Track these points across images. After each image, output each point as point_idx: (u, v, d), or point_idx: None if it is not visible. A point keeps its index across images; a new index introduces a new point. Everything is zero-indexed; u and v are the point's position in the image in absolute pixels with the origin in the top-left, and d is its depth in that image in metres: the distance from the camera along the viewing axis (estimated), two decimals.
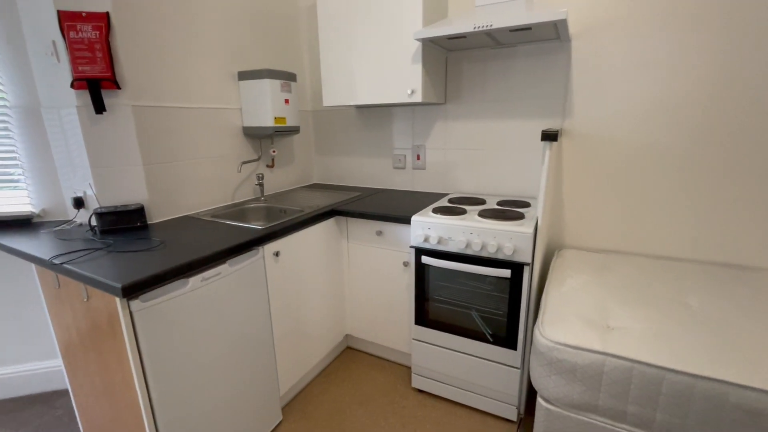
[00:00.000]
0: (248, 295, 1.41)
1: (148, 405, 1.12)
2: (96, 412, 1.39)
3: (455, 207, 1.75)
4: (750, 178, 1.51)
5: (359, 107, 2.35)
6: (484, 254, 1.49)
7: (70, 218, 1.65)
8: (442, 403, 1.75)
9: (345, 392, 1.84)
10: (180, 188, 1.74)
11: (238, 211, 1.92)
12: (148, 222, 1.62)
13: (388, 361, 2.07)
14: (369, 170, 2.42)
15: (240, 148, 2.01)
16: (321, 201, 2.01)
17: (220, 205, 1.93)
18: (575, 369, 1.10)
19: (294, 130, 2.08)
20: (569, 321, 1.20)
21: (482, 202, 1.85)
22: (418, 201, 1.98)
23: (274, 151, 2.11)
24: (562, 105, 1.79)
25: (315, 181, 2.66)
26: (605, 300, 1.32)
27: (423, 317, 1.71)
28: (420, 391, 1.83)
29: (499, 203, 1.83)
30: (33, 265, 1.64)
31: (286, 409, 1.74)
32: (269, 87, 1.88)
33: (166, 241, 1.38)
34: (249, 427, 1.47)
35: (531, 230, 1.40)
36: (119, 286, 1.00)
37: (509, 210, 1.66)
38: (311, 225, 1.73)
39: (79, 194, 1.60)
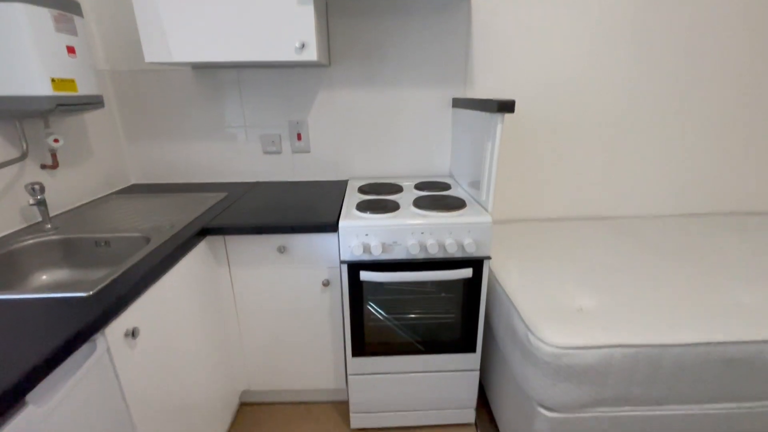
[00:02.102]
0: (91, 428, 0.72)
1: None
2: None
3: (381, 200, 1.39)
4: (646, 138, 1.73)
5: (200, 67, 1.61)
6: (439, 255, 1.21)
7: None
8: None
9: None
10: None
11: (3, 256, 1.02)
12: None
13: (307, 404, 1.61)
14: (225, 160, 1.74)
15: None
16: (164, 215, 1.28)
17: None
18: (586, 370, 0.99)
19: (93, 102, 1.23)
20: (557, 315, 1.08)
21: (398, 189, 1.55)
22: (316, 194, 1.51)
23: (56, 140, 1.20)
24: (464, 72, 1.63)
25: (134, 181, 1.77)
26: (556, 275, 1.27)
27: (361, 346, 1.33)
28: (362, 430, 1.48)
29: (418, 187, 1.57)
30: None
31: None
32: (27, 18, 0.99)
33: None
34: None
35: (490, 218, 1.20)
36: None
37: (443, 196, 1.42)
38: (176, 262, 1.05)
39: None
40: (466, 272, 1.21)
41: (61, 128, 1.34)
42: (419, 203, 1.31)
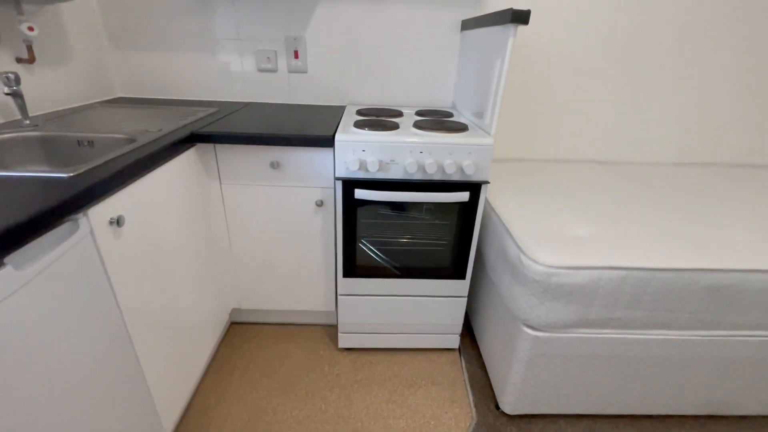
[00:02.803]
0: (76, 311, 0.71)
1: None
2: None
3: (380, 120, 1.33)
4: (656, 87, 1.66)
5: None
6: (437, 177, 1.18)
7: None
8: (378, 356, 1.51)
9: (254, 385, 1.36)
10: None
11: None
12: None
13: (297, 326, 1.64)
14: (217, 76, 1.64)
15: None
16: (152, 123, 1.22)
17: None
18: (574, 290, 1.00)
19: None
20: (550, 240, 1.07)
21: (398, 113, 1.49)
22: (313, 117, 1.45)
23: (31, 28, 1.10)
24: None
25: (121, 93, 1.67)
26: (552, 208, 1.25)
27: (352, 267, 1.34)
28: (350, 350, 1.53)
29: (419, 113, 1.50)
30: None
31: None
32: None
33: None
34: None
35: (491, 141, 1.15)
36: None
37: (444, 120, 1.37)
38: (162, 162, 1.01)
39: None
40: (463, 195, 1.19)
41: (36, 19, 1.23)
42: (420, 125, 1.26)
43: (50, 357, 0.66)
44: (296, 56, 1.60)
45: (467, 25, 1.47)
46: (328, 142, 1.17)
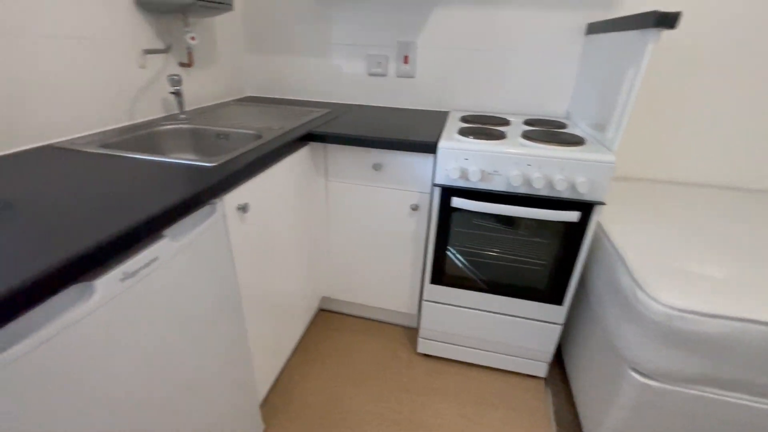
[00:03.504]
0: (207, 281, 0.83)
1: None
2: None
3: (486, 128, 1.29)
4: None
5: None
6: (543, 193, 1.11)
7: None
8: (456, 367, 1.48)
9: (334, 372, 1.44)
10: (24, 91, 0.93)
11: (146, 137, 1.18)
12: None
13: (378, 322, 1.69)
14: (331, 79, 1.77)
15: (132, 29, 1.18)
16: (274, 121, 1.36)
17: (112, 128, 1.16)
18: (703, 341, 0.85)
19: (225, 2, 1.30)
20: (674, 277, 0.93)
21: (504, 122, 1.43)
22: (417, 122, 1.46)
23: (193, 38, 1.31)
24: None
25: (249, 93, 1.90)
26: (677, 238, 1.08)
27: (440, 274, 1.33)
28: (428, 356, 1.53)
29: (528, 123, 1.42)
30: None
31: (265, 409, 1.28)
32: None
33: (15, 201, 0.68)
34: None
35: (613, 158, 1.04)
36: None
37: (557, 132, 1.27)
38: (281, 158, 1.12)
39: None
40: (572, 215, 1.09)
41: (196, 30, 1.47)
42: (529, 135, 1.19)
43: (187, 307, 0.78)
44: (406, 61, 1.63)
45: (595, 28, 1.34)
46: (430, 148, 1.17)
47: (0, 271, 0.48)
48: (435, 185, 1.19)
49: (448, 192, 1.18)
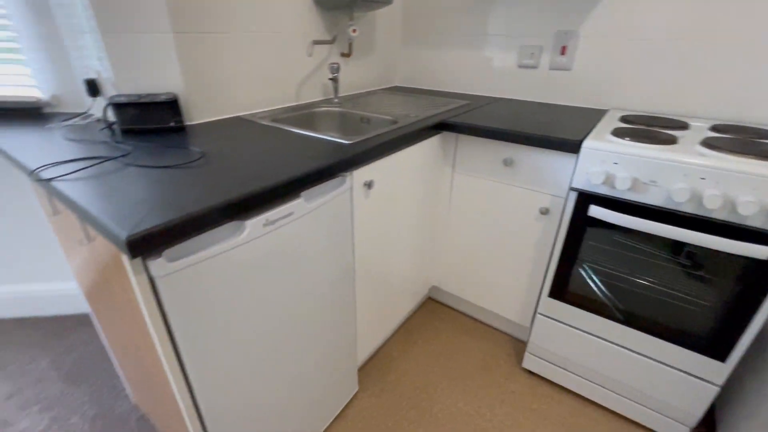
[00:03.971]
0: (328, 243, 0.94)
1: (187, 395, 0.74)
2: (131, 373, 1.08)
3: (650, 131, 1.09)
4: None
5: None
6: (718, 216, 0.88)
7: (86, 109, 1.20)
8: (564, 395, 1.32)
9: (432, 360, 1.45)
10: (226, 75, 1.20)
11: (306, 116, 1.39)
12: (186, 122, 1.14)
13: (484, 324, 1.63)
14: (478, 71, 1.73)
15: (308, 22, 1.39)
16: (413, 110, 1.42)
17: (281, 106, 1.40)
18: None
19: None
20: None
21: (682, 125, 1.17)
22: (564, 118, 1.32)
23: (354, 31, 1.47)
24: None
25: (397, 83, 2.02)
26: None
27: (561, 289, 1.19)
28: (531, 373, 1.40)
29: (716, 129, 1.14)
30: None
31: (362, 374, 1.39)
32: None
33: (208, 153, 0.89)
34: (321, 402, 1.13)
35: None
36: (123, 236, 0.54)
37: (759, 142, 0.98)
38: (411, 144, 1.17)
39: (93, 74, 1.12)
40: (761, 251, 0.84)
41: (358, 23, 1.63)
42: (711, 143, 0.95)
43: (309, 261, 0.90)
44: (563, 52, 1.48)
45: None
46: (572, 146, 1.05)
47: (184, 202, 0.64)
48: (572, 189, 1.07)
49: (586, 199, 1.04)
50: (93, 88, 1.12)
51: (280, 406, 0.95)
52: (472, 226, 1.41)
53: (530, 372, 1.41)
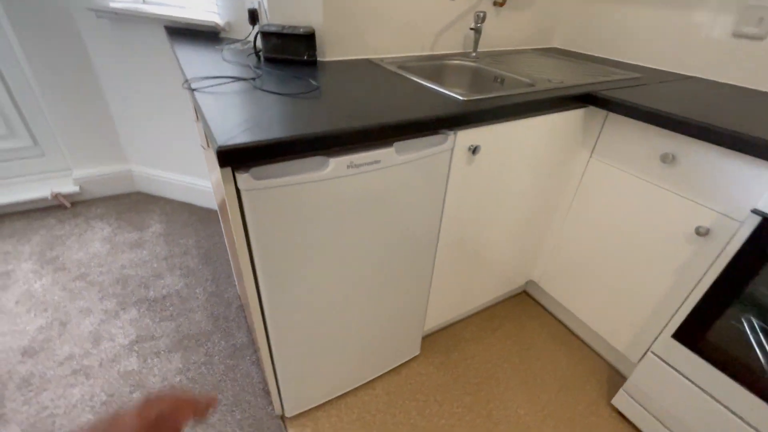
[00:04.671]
0: (413, 202, 0.90)
1: (260, 316, 0.83)
2: (235, 267, 1.27)
3: None
4: None
5: None
6: None
7: (246, 36, 1.36)
8: None
9: (506, 355, 1.34)
10: (364, 15, 1.19)
11: (435, 67, 1.31)
12: (319, 58, 1.19)
13: (579, 340, 1.41)
14: (668, 37, 1.34)
15: None
16: (563, 76, 1.19)
17: (412, 54, 1.34)
18: None
19: None
20: None
21: None
22: None
23: None
24: None
25: (555, 44, 1.73)
26: None
27: (694, 334, 0.92)
28: (619, 413, 1.17)
29: None
30: None
31: (427, 341, 1.37)
32: None
33: (323, 88, 0.91)
34: (378, 351, 1.16)
35: None
36: (216, 146, 0.59)
37: None
38: (541, 113, 0.99)
39: (255, 4, 1.24)
40: None
41: None
42: None
43: (387, 216, 0.88)
44: None
45: None
46: (760, 150, 0.74)
47: (279, 127, 0.67)
48: (755, 212, 0.77)
49: None
50: (253, 16, 1.24)
51: (338, 340, 1.00)
52: (598, 226, 1.18)
53: (618, 411, 1.18)
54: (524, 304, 1.56)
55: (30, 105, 1.79)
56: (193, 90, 0.83)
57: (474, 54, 1.36)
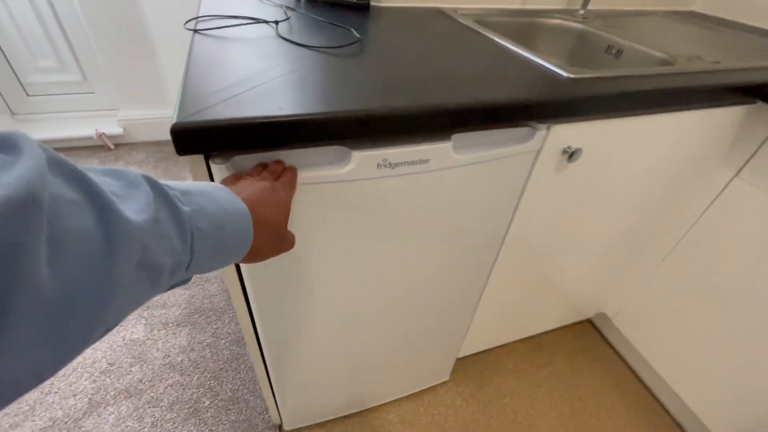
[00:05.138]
0: (469, 215, 0.65)
1: (256, 350, 0.66)
2: None
3: None
4: None
5: None
6: None
7: None
8: None
9: (552, 399, 1.09)
10: None
11: (525, 25, 0.98)
12: (373, 2, 0.92)
13: (655, 399, 1.12)
14: None
15: None
16: (714, 52, 0.82)
17: (498, 6, 1.02)
18: None
19: None
20: None
21: None
22: None
23: None
24: None
25: (696, 8, 1.28)
26: None
27: None
28: None
29: None
30: None
31: (458, 364, 1.15)
32: None
33: (366, 42, 0.66)
34: (401, 376, 0.97)
35: None
36: (174, 121, 0.38)
37: None
38: (677, 109, 0.67)
39: None
40: None
41: None
42: None
43: (430, 230, 0.65)
44: None
45: None
46: None
47: (281, 98, 0.44)
48: None
49: None
50: None
51: (352, 358, 0.82)
52: (721, 270, 0.85)
53: None
54: (585, 337, 1.27)
55: (80, 39, 1.71)
56: (196, 32, 0.62)
57: (582, 12, 1.01)
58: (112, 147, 1.90)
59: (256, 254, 0.36)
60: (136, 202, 0.24)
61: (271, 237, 0.38)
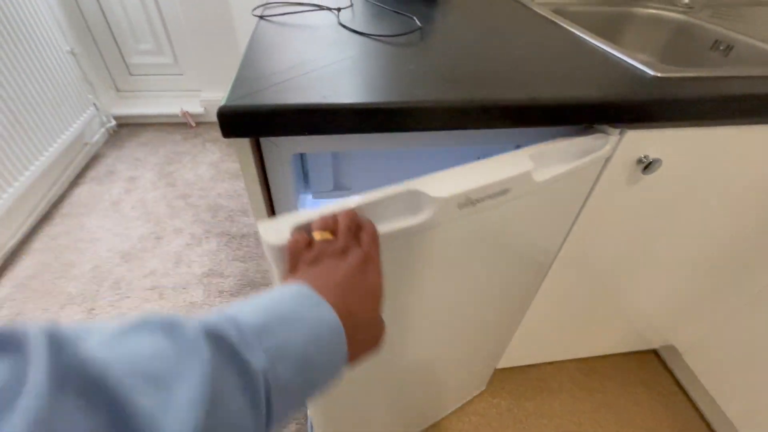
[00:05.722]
0: (523, 235, 0.59)
1: None
2: None
3: None
4: None
5: None
6: None
7: None
8: None
9: (602, 429, 1.00)
10: None
11: (612, 16, 0.88)
12: None
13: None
14: None
15: None
16: None
17: None
18: None
19: None
20: None
21: None
22: None
23: None
24: None
25: None
26: None
27: None
28: None
29: None
30: None
31: (495, 377, 1.09)
32: None
33: (428, 31, 0.63)
34: (446, 386, 0.92)
35: None
36: (224, 102, 0.40)
37: None
38: None
39: None
40: None
41: None
42: None
43: (484, 259, 0.61)
44: None
45: None
46: None
47: (326, 87, 0.44)
48: None
49: None
50: None
51: (392, 389, 0.81)
52: None
53: None
54: (648, 369, 1.14)
55: (174, 25, 1.88)
56: (261, 18, 0.64)
57: (687, 1, 0.87)
58: (194, 125, 2.08)
59: (344, 369, 0.27)
60: (186, 390, 0.18)
61: (365, 337, 0.28)
